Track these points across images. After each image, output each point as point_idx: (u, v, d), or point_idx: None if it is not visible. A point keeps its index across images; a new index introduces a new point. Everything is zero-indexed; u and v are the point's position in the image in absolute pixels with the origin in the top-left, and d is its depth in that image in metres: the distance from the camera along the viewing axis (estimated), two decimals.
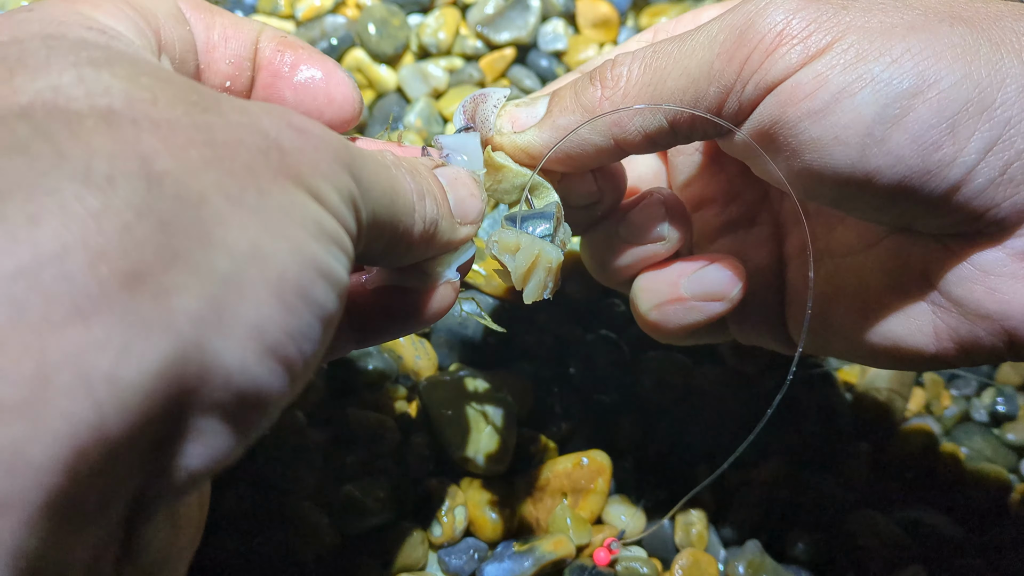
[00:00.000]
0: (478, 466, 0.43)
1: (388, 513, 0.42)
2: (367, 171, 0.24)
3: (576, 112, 0.31)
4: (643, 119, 0.30)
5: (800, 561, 0.45)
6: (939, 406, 0.51)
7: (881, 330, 0.32)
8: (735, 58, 0.28)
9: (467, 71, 0.57)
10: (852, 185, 0.28)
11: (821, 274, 0.34)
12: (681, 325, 0.34)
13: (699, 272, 0.34)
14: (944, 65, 0.26)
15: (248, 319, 0.18)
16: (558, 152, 0.32)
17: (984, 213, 0.27)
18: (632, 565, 0.42)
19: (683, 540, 0.44)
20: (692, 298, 0.34)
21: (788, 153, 0.28)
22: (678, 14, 0.59)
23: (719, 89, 0.28)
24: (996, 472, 0.48)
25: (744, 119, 0.29)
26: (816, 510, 0.46)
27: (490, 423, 0.44)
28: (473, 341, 0.47)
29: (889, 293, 0.31)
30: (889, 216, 0.29)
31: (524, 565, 0.41)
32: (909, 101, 0.26)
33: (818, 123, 0.27)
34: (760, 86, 0.28)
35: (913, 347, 0.31)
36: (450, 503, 0.42)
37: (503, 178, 0.33)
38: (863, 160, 0.27)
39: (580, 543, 0.43)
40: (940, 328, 0.30)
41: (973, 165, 0.26)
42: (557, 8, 0.59)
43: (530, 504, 0.44)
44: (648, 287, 0.35)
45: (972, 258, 0.28)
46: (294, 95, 0.30)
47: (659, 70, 0.30)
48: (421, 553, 0.42)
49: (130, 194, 0.17)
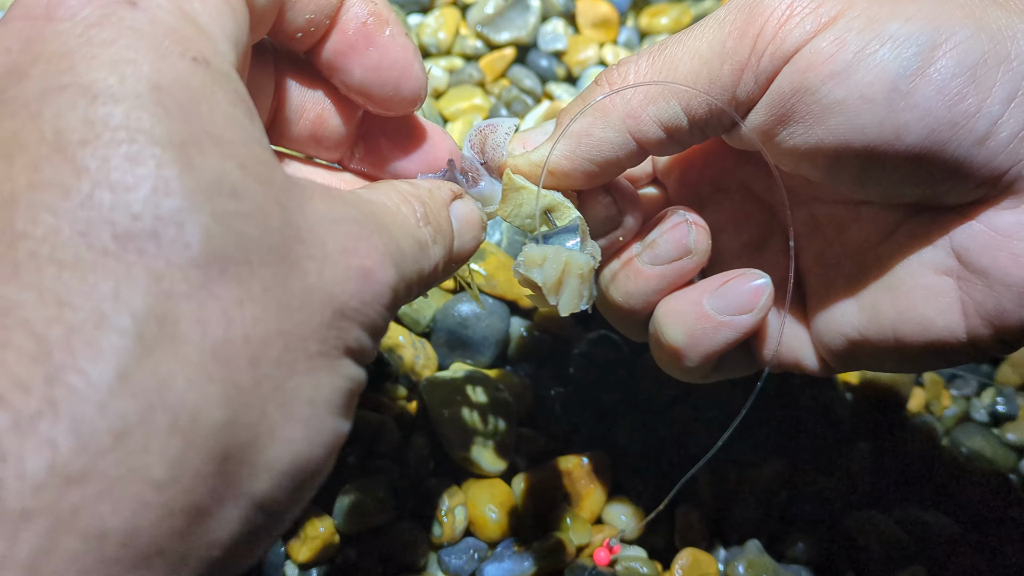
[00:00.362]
0: (478, 466, 0.43)
1: (388, 513, 0.42)
2: (407, 258, 0.25)
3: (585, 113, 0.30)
4: (657, 108, 0.29)
5: (800, 561, 0.45)
6: (939, 406, 0.51)
7: (911, 318, 0.31)
8: (747, 33, 0.28)
9: (467, 71, 0.57)
10: (880, 148, 0.27)
11: (844, 277, 0.33)
12: (712, 347, 0.33)
13: (723, 288, 0.33)
14: (956, 21, 0.26)
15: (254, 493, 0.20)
16: (575, 162, 0.31)
17: (1008, 171, 0.27)
18: (632, 565, 0.42)
19: (683, 540, 0.44)
20: (720, 314, 0.32)
21: (812, 121, 0.28)
22: (678, 14, 0.59)
23: (733, 66, 0.28)
24: (996, 472, 0.48)
25: (760, 96, 0.29)
26: (816, 510, 0.46)
27: (490, 423, 0.44)
28: (473, 341, 0.47)
29: (913, 278, 0.31)
30: (914, 186, 0.29)
31: (524, 565, 0.41)
32: (930, 53, 0.26)
33: (842, 84, 0.27)
34: (776, 56, 0.27)
35: (943, 330, 0.30)
36: (450, 503, 0.42)
37: (523, 201, 0.32)
38: (891, 115, 0.26)
39: (580, 543, 0.43)
40: (968, 305, 0.29)
41: (998, 116, 0.26)
42: (557, 8, 0.59)
43: (530, 504, 0.44)
44: (672, 310, 0.33)
45: (994, 224, 0.28)
46: (362, 75, 0.28)
47: (669, 58, 0.29)
48: (421, 553, 0.42)
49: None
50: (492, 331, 0.47)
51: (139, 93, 0.19)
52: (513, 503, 0.43)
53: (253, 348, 0.19)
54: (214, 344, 0.18)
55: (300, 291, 0.21)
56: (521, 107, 0.56)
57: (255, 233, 0.20)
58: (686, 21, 0.59)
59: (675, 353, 0.33)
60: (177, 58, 0.20)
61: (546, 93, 0.57)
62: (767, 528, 0.45)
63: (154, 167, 0.19)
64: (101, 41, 0.20)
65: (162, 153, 0.19)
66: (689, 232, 0.33)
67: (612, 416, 0.48)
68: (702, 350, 0.33)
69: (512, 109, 0.56)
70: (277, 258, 0.20)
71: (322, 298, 0.21)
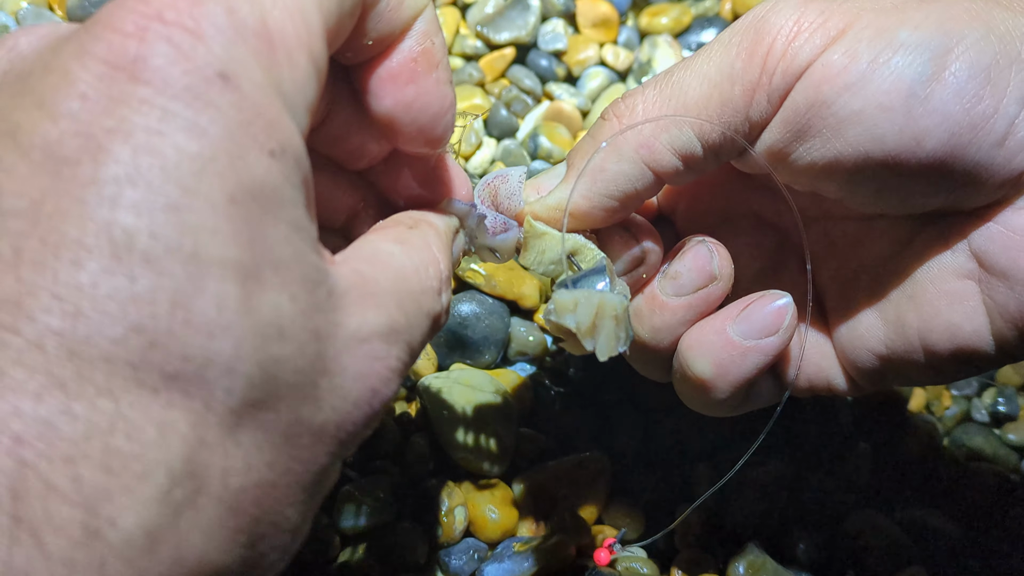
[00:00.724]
0: (478, 466, 0.43)
1: (388, 513, 0.42)
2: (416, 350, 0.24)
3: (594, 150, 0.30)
4: (670, 136, 0.29)
5: (800, 561, 0.45)
6: (939, 406, 0.51)
7: (937, 326, 0.30)
8: (756, 53, 0.28)
9: (467, 71, 0.57)
10: (900, 156, 0.27)
11: (864, 288, 0.33)
12: (742, 375, 0.32)
13: (745, 312, 0.32)
14: (965, 24, 0.27)
15: None
16: (593, 200, 0.30)
17: (1022, 172, 0.27)
18: (632, 565, 0.42)
19: (683, 540, 0.44)
20: (745, 339, 0.31)
21: (830, 134, 0.27)
22: (678, 14, 0.59)
23: (745, 87, 0.28)
24: (996, 472, 0.48)
25: (774, 114, 0.28)
26: (816, 510, 0.46)
27: (490, 423, 0.44)
28: (473, 341, 0.47)
29: (935, 285, 0.31)
30: (934, 194, 0.29)
31: (524, 565, 0.41)
32: (943, 58, 0.26)
33: (859, 94, 0.27)
34: (789, 73, 0.27)
35: (971, 334, 0.30)
36: (450, 503, 0.42)
37: (545, 247, 0.31)
38: (910, 122, 0.26)
39: (580, 543, 0.43)
40: (991, 308, 0.29)
41: (1015, 116, 0.26)
42: (557, 8, 0.59)
43: (530, 504, 0.44)
44: (697, 342, 0.32)
45: (1012, 225, 0.28)
46: (392, 107, 0.26)
47: (677, 84, 0.29)
48: (421, 553, 0.42)
49: None
50: (492, 331, 0.47)
51: (215, 206, 0.18)
52: (513, 503, 0.43)
53: (263, 492, 0.19)
54: (232, 494, 0.18)
55: (315, 428, 0.20)
56: (521, 107, 0.56)
57: (289, 378, 0.19)
58: (686, 21, 0.59)
59: (703, 386, 0.32)
60: (257, 154, 0.19)
61: (546, 93, 0.57)
62: (767, 528, 0.45)
63: (215, 306, 0.17)
64: (186, 126, 0.18)
65: (226, 290, 0.18)
66: (712, 258, 0.32)
67: (612, 416, 0.48)
68: (731, 379, 0.32)
69: (512, 109, 0.56)
70: (302, 396, 0.20)
71: (331, 432, 0.21)
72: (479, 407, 0.44)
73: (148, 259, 0.17)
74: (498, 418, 0.44)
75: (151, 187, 0.17)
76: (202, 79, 0.18)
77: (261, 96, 0.19)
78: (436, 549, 0.42)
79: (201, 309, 0.17)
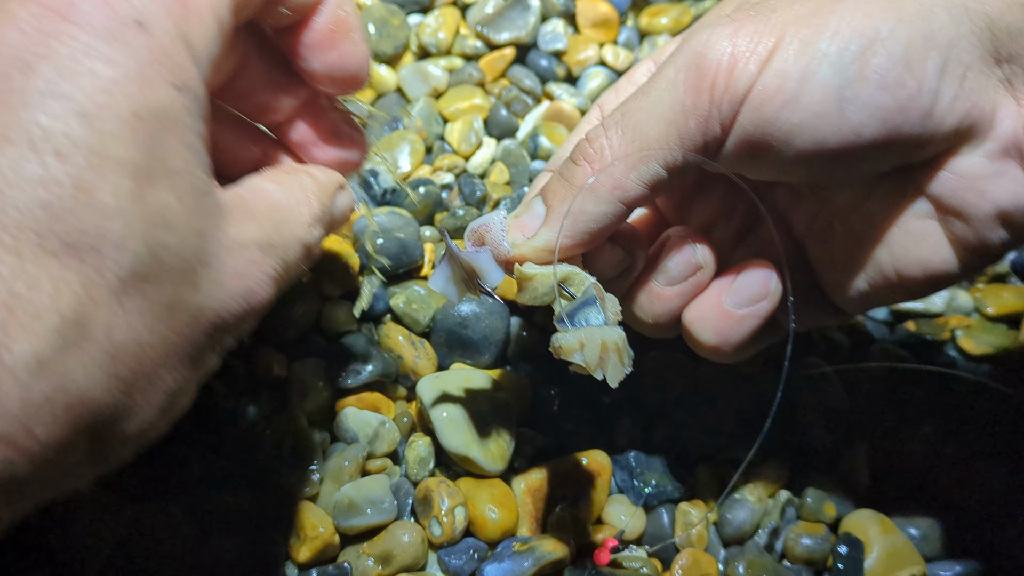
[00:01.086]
0: (478, 466, 0.43)
1: (387, 513, 0.42)
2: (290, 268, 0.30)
3: (572, 195, 0.33)
4: (639, 173, 0.33)
5: (800, 561, 0.45)
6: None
7: (910, 263, 0.34)
8: (701, 88, 0.31)
9: (467, 71, 0.57)
10: (846, 149, 0.31)
11: (840, 237, 0.37)
12: (742, 337, 0.37)
13: (735, 284, 0.37)
14: (877, 20, 0.30)
15: None
16: (575, 238, 0.34)
17: (957, 127, 0.31)
18: (632, 565, 0.42)
19: (683, 540, 0.44)
20: (739, 308, 0.36)
21: (779, 145, 0.31)
22: (678, 14, 0.59)
23: (697, 119, 0.32)
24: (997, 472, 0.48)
25: (727, 135, 0.32)
26: (816, 510, 0.46)
27: (490, 423, 0.44)
28: (473, 341, 0.47)
29: (901, 228, 0.34)
30: (883, 163, 0.33)
31: (524, 565, 0.41)
32: (862, 58, 0.30)
33: (796, 110, 0.30)
34: (733, 101, 0.31)
35: (940, 264, 0.34)
36: (450, 503, 0.42)
37: (537, 285, 0.34)
38: (846, 121, 0.30)
39: (580, 543, 0.43)
40: (954, 239, 0.33)
41: (936, 88, 0.30)
42: (557, 8, 0.59)
43: (530, 504, 0.44)
44: (698, 317, 0.37)
45: (958, 170, 0.32)
46: (319, 67, 0.32)
47: (637, 126, 0.33)
48: (421, 553, 0.42)
49: None
50: (492, 331, 0.47)
51: (120, 118, 0.22)
52: (513, 503, 0.43)
53: (142, 350, 0.23)
54: (114, 346, 0.22)
55: (193, 308, 0.25)
56: (521, 107, 0.56)
57: (173, 261, 0.23)
58: (686, 21, 0.59)
59: (712, 350, 0.37)
60: (161, 85, 0.23)
61: (546, 93, 0.57)
62: (767, 528, 0.45)
63: (111, 194, 0.22)
64: (103, 57, 0.22)
65: (122, 183, 0.22)
66: (695, 251, 0.37)
67: (612, 416, 0.48)
68: (734, 342, 0.37)
69: (512, 109, 0.56)
70: (182, 279, 0.24)
71: (209, 316, 0.26)
72: (479, 407, 0.44)
73: (59, 152, 0.21)
74: (498, 418, 0.44)
75: (68, 99, 0.21)
76: (120, 23, 0.23)
77: (170, 42, 0.24)
78: (436, 549, 0.42)
79: (100, 194, 0.21)
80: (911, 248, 0.34)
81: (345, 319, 0.47)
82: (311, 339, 0.48)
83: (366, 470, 0.44)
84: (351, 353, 0.46)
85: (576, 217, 0.33)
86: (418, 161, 0.54)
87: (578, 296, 0.34)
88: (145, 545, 0.41)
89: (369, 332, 0.48)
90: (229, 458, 0.44)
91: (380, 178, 0.52)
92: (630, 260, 0.37)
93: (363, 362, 0.45)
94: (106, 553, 0.40)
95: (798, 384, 0.49)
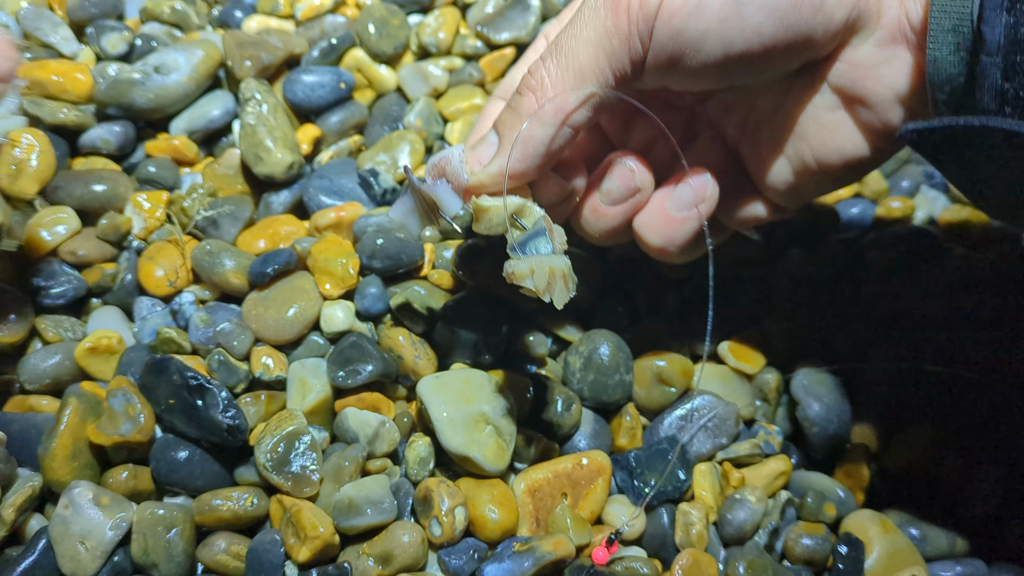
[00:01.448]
0: (478, 466, 0.43)
1: (387, 513, 0.42)
2: None
3: (521, 123, 0.37)
4: (577, 96, 0.36)
5: (800, 561, 0.45)
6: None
7: (828, 152, 0.38)
8: (619, 11, 0.35)
9: (467, 71, 0.57)
10: (751, 50, 0.34)
11: (766, 137, 0.41)
12: (686, 237, 0.41)
13: (675, 192, 0.41)
14: None
15: None
16: (527, 161, 0.37)
17: (847, 19, 0.34)
18: (632, 565, 0.42)
19: (683, 540, 0.44)
20: (681, 211, 0.40)
21: (693, 53, 0.35)
22: None
23: (620, 39, 0.35)
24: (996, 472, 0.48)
25: (647, 51, 0.35)
26: (816, 510, 0.46)
27: (490, 423, 0.44)
28: (473, 341, 0.47)
29: (816, 121, 0.38)
30: (788, 61, 0.36)
31: (524, 565, 0.41)
32: None
33: (701, 17, 0.34)
34: (648, 18, 0.34)
35: (853, 150, 0.38)
36: (450, 503, 0.42)
37: (492, 216, 0.37)
38: (747, 23, 0.34)
39: (580, 543, 0.43)
40: (862, 126, 0.37)
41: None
42: (557, 8, 0.59)
43: (530, 504, 0.44)
44: (645, 223, 0.41)
45: (852, 59, 0.36)
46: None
47: (569, 52, 0.36)
48: (421, 553, 0.42)
49: None
50: (492, 331, 0.47)
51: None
52: (513, 503, 0.43)
53: None
54: None
55: None
56: None
57: None
58: None
59: (659, 251, 0.42)
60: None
61: None
62: (767, 528, 0.45)
63: None
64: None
65: None
66: (634, 176, 0.40)
67: (612, 416, 0.48)
68: (679, 242, 0.41)
69: None
70: None
71: None
72: (479, 407, 0.44)
73: None
74: (498, 418, 0.44)
75: None
76: None
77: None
78: (436, 549, 0.42)
79: None
80: (827, 138, 0.38)
81: (345, 319, 0.47)
82: (311, 339, 0.48)
83: (366, 470, 0.44)
84: (351, 353, 0.46)
85: (526, 143, 0.36)
86: (418, 161, 0.54)
87: (529, 227, 0.37)
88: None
89: (369, 332, 0.48)
90: (229, 458, 0.44)
91: (380, 178, 0.52)
92: (572, 190, 0.41)
93: (363, 362, 0.45)
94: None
95: (799, 384, 0.49)
